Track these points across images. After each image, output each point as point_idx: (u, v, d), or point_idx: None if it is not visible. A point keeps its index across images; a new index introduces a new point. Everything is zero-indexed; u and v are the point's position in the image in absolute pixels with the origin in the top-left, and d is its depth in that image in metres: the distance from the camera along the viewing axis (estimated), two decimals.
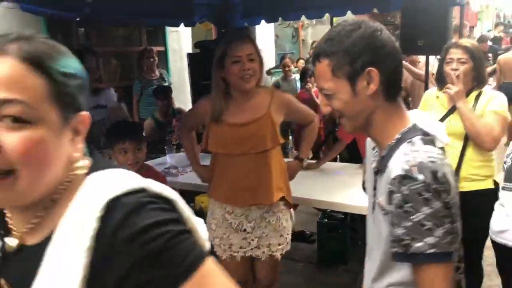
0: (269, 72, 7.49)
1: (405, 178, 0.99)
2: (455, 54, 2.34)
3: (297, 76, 5.56)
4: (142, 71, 5.21)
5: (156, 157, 3.80)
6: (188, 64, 4.73)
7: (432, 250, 0.98)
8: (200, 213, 4.07)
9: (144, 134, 2.99)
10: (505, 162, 2.11)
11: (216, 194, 2.25)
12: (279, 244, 2.23)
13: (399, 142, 1.09)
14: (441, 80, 2.42)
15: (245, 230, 2.18)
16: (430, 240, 0.98)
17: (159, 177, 2.40)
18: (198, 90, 4.65)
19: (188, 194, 3.96)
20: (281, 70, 6.61)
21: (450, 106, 2.37)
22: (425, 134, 1.08)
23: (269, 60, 7.97)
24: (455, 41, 2.45)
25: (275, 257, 2.25)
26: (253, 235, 2.18)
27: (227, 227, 2.20)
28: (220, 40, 4.58)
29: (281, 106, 2.19)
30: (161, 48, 5.80)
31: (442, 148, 1.10)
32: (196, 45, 4.83)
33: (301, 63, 7.18)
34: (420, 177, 0.98)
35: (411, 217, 0.99)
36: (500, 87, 6.11)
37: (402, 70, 1.15)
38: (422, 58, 4.62)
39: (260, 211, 2.18)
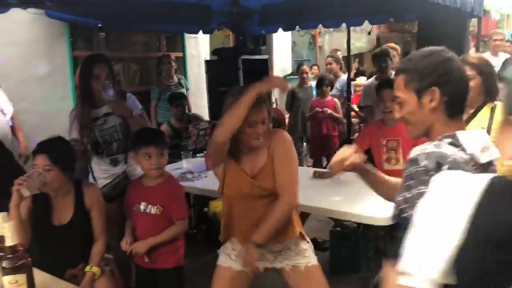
0: (284, 79, 7.52)
1: (412, 161, 1.23)
2: None
3: (313, 83, 5.59)
4: (160, 77, 5.31)
5: (173, 161, 3.88)
6: (206, 71, 4.80)
7: None
8: (214, 218, 4.12)
9: None
10: None
11: (236, 237, 2.16)
12: (303, 258, 2.14)
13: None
14: None
15: (267, 259, 2.14)
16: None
17: (177, 185, 2.44)
18: (215, 97, 4.71)
19: (203, 199, 4.03)
20: (297, 77, 6.63)
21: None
22: (456, 141, 1.26)
23: (286, 67, 8.00)
24: (462, 57, 2.44)
25: (310, 268, 2.12)
26: (275, 262, 2.15)
27: None
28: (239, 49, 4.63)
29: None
30: (180, 54, 5.89)
31: (471, 157, 1.24)
32: (214, 52, 4.91)
33: (315, 69, 7.21)
34: (423, 163, 1.20)
35: (411, 191, 1.22)
36: None
37: (465, 94, 1.37)
38: None
39: (282, 245, 2.14)
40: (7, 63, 4.03)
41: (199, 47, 6.10)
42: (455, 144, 1.26)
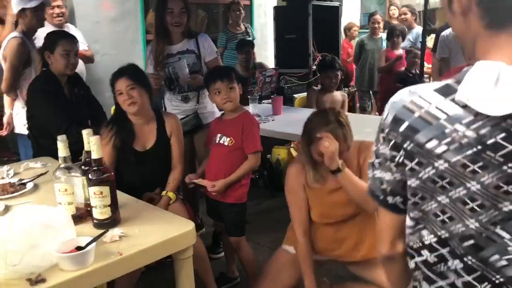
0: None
1: (382, 112, 0.93)
2: None
3: (383, 36, 5.35)
4: (227, 24, 5.28)
5: None
6: (274, 17, 4.70)
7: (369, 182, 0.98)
8: (276, 164, 4.14)
9: None
10: None
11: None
12: None
13: None
14: None
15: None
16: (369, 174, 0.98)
17: (252, 120, 2.44)
18: (282, 45, 4.63)
19: (266, 145, 4.04)
20: (365, 30, 6.37)
21: None
22: (459, 82, 0.80)
23: (354, 20, 7.71)
24: None
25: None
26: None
27: None
28: None
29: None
30: (247, 2, 5.80)
31: (469, 110, 0.77)
32: None
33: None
34: (384, 115, 0.89)
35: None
36: None
37: None
38: None
39: None
40: (83, 4, 4.14)
41: None
42: (449, 88, 0.81)
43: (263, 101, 3.99)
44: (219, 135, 2.40)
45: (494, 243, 0.80)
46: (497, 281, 0.81)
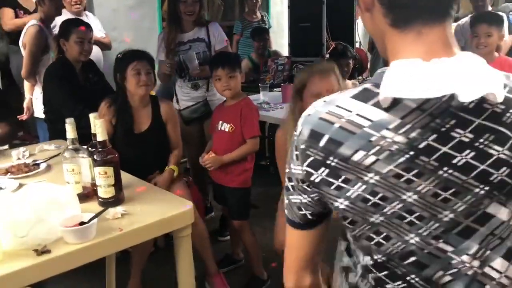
0: None
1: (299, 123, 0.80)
2: None
3: None
4: (243, 12, 5.32)
5: (250, 95, 3.95)
6: (288, 6, 4.73)
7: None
8: None
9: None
10: None
11: None
12: None
13: None
14: None
15: None
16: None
17: (250, 106, 2.51)
18: (296, 33, 4.66)
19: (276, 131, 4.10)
20: None
21: None
22: (377, 85, 0.72)
23: None
24: None
25: None
26: None
27: None
28: None
29: None
30: None
31: (394, 113, 0.69)
32: None
33: None
34: (297, 130, 0.78)
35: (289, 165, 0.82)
36: None
37: None
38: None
39: None
40: None
41: None
42: (366, 94, 0.73)
43: (275, 89, 4.04)
44: (220, 121, 2.48)
45: (437, 259, 0.73)
46: None
